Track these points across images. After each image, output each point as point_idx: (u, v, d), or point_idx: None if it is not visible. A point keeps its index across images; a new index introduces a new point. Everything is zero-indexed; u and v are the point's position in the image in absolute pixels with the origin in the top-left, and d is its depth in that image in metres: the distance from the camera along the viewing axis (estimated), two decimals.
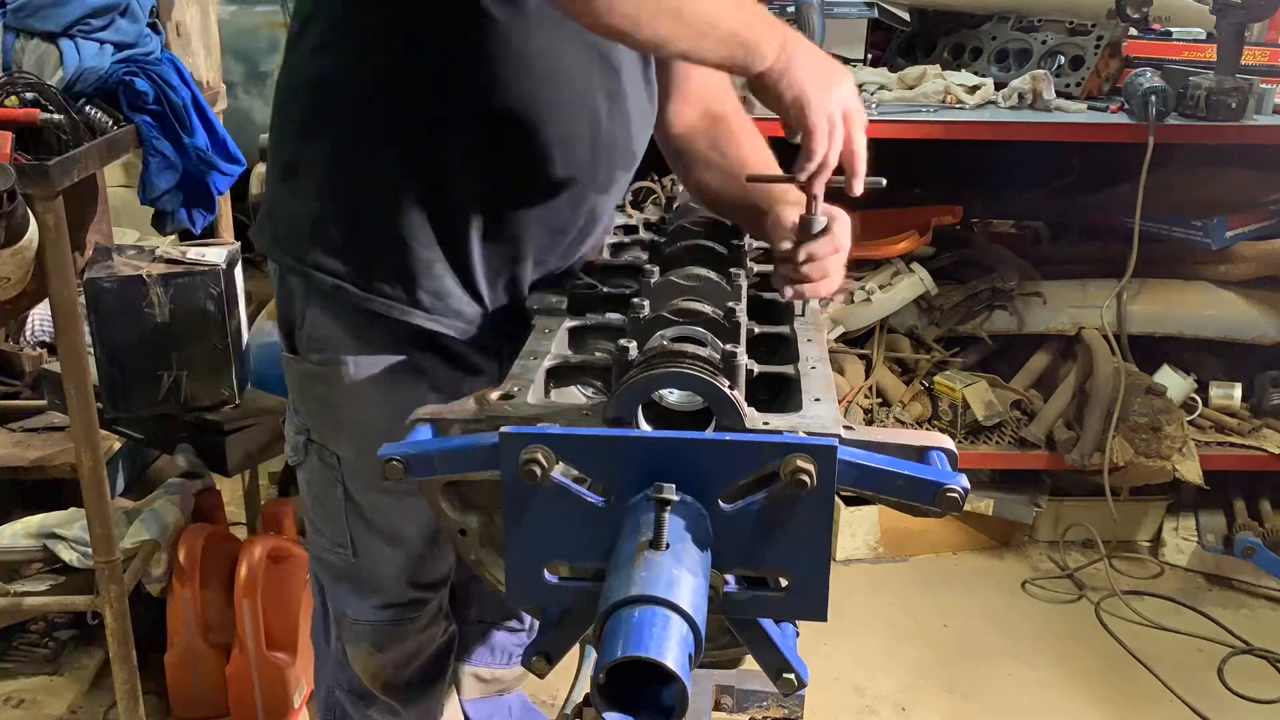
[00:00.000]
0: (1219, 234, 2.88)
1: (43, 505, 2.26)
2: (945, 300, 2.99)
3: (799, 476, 0.81)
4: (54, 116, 1.83)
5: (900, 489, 0.88)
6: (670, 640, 0.73)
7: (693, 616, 0.75)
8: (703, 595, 0.79)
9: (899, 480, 0.88)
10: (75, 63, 1.98)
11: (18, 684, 2.37)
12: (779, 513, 0.84)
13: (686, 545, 0.81)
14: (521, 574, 0.89)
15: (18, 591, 2.08)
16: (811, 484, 0.81)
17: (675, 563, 0.78)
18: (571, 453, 0.85)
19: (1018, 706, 2.44)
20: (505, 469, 0.85)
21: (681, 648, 0.73)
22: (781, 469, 0.82)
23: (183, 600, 2.19)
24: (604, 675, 0.72)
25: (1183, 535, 2.99)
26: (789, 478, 0.81)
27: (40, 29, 1.95)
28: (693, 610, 0.75)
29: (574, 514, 0.86)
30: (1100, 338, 2.90)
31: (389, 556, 1.49)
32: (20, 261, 1.75)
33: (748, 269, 1.33)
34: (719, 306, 1.11)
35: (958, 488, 0.86)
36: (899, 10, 3.06)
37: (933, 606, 2.79)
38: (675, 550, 0.80)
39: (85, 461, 1.94)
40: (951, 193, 3.27)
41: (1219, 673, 2.54)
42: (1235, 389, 3.00)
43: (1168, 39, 3.00)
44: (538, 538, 0.87)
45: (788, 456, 0.82)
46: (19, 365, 2.71)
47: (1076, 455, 2.77)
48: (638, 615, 0.74)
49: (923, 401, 2.95)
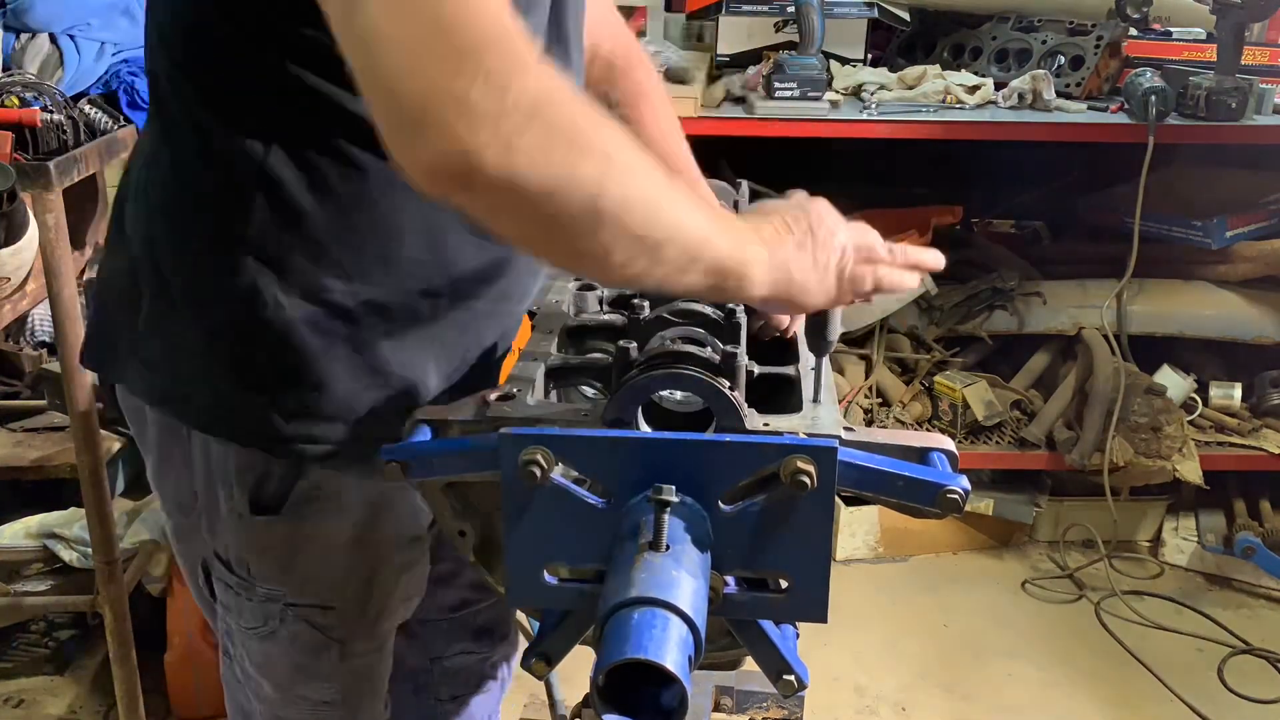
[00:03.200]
0: (1219, 234, 2.88)
1: (43, 505, 2.26)
2: (945, 300, 2.99)
3: (799, 478, 0.81)
4: (54, 116, 1.83)
5: (900, 490, 0.88)
6: (670, 642, 0.73)
7: (692, 618, 0.75)
8: (703, 597, 0.79)
9: (899, 481, 0.87)
10: (75, 63, 1.99)
11: (18, 684, 2.37)
12: (779, 514, 0.84)
13: (686, 547, 0.81)
14: (522, 575, 0.89)
15: (18, 591, 2.08)
16: (812, 485, 0.81)
17: (675, 564, 0.78)
18: (571, 454, 0.85)
19: (1018, 706, 2.44)
20: (505, 469, 0.84)
21: (681, 650, 0.73)
22: (781, 470, 0.82)
23: (183, 600, 2.19)
24: (604, 677, 0.73)
25: (1183, 535, 2.99)
26: (789, 479, 0.81)
27: (40, 29, 1.95)
28: (693, 612, 0.75)
29: (574, 515, 0.86)
30: (1100, 338, 2.90)
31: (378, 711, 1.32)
32: (20, 261, 1.75)
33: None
34: (719, 307, 1.11)
35: (958, 489, 0.86)
36: (899, 10, 3.05)
37: (933, 606, 2.79)
38: (675, 552, 0.79)
39: (85, 461, 1.94)
40: (951, 193, 3.27)
41: (1219, 673, 2.55)
42: (1235, 389, 3.00)
43: (1168, 39, 2.99)
44: (538, 539, 0.87)
45: (788, 458, 0.82)
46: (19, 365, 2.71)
47: (1076, 455, 2.77)
48: (637, 617, 0.74)
49: (923, 401, 2.95)
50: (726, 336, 1.07)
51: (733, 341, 1.05)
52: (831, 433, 0.91)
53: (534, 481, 0.83)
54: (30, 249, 1.75)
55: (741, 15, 3.05)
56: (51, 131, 1.82)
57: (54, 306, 1.86)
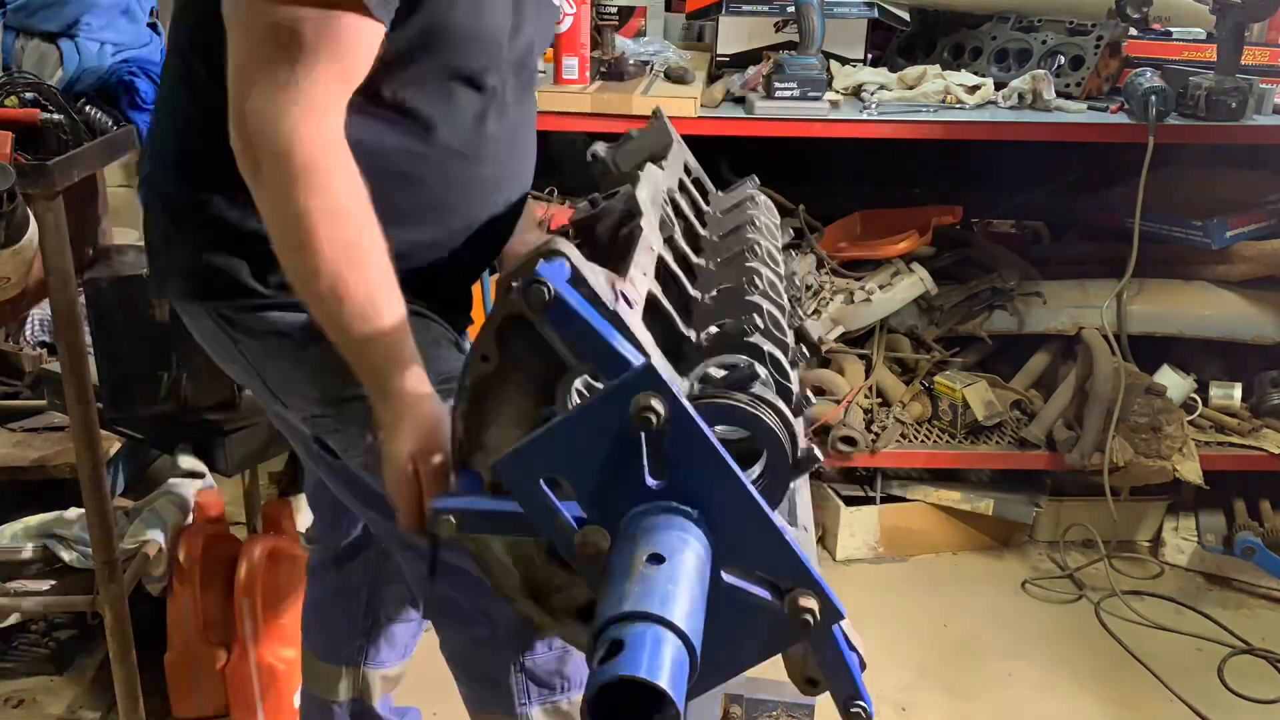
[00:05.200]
0: (1219, 234, 2.88)
1: (43, 505, 2.26)
2: (945, 300, 2.99)
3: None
4: (54, 116, 1.83)
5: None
6: (664, 659, 0.71)
7: (688, 634, 0.73)
8: (699, 612, 0.77)
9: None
10: (75, 63, 1.99)
11: (18, 684, 2.37)
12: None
13: (685, 558, 0.79)
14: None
15: (18, 591, 2.08)
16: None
17: (671, 578, 0.76)
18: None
19: (1017, 706, 2.44)
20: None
21: (676, 667, 0.71)
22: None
23: (183, 600, 2.19)
24: (596, 693, 0.71)
25: (1183, 535, 2.99)
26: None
27: (40, 29, 1.95)
28: (688, 627, 0.74)
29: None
30: (1100, 338, 2.90)
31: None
32: (20, 261, 1.75)
33: None
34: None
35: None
36: (899, 10, 3.05)
37: (933, 606, 2.79)
38: (672, 564, 0.78)
39: (85, 461, 1.94)
40: (951, 193, 3.27)
41: (1219, 673, 2.54)
42: (1235, 389, 3.00)
43: (1168, 39, 2.99)
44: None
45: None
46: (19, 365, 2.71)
47: (1076, 455, 2.77)
48: (631, 633, 0.72)
49: (923, 401, 2.95)
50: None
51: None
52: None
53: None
54: (30, 249, 1.76)
55: (741, 15, 3.05)
56: (51, 131, 1.82)
57: (54, 306, 1.86)
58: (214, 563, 2.22)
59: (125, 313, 2.13)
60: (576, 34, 2.60)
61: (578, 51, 2.62)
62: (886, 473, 2.97)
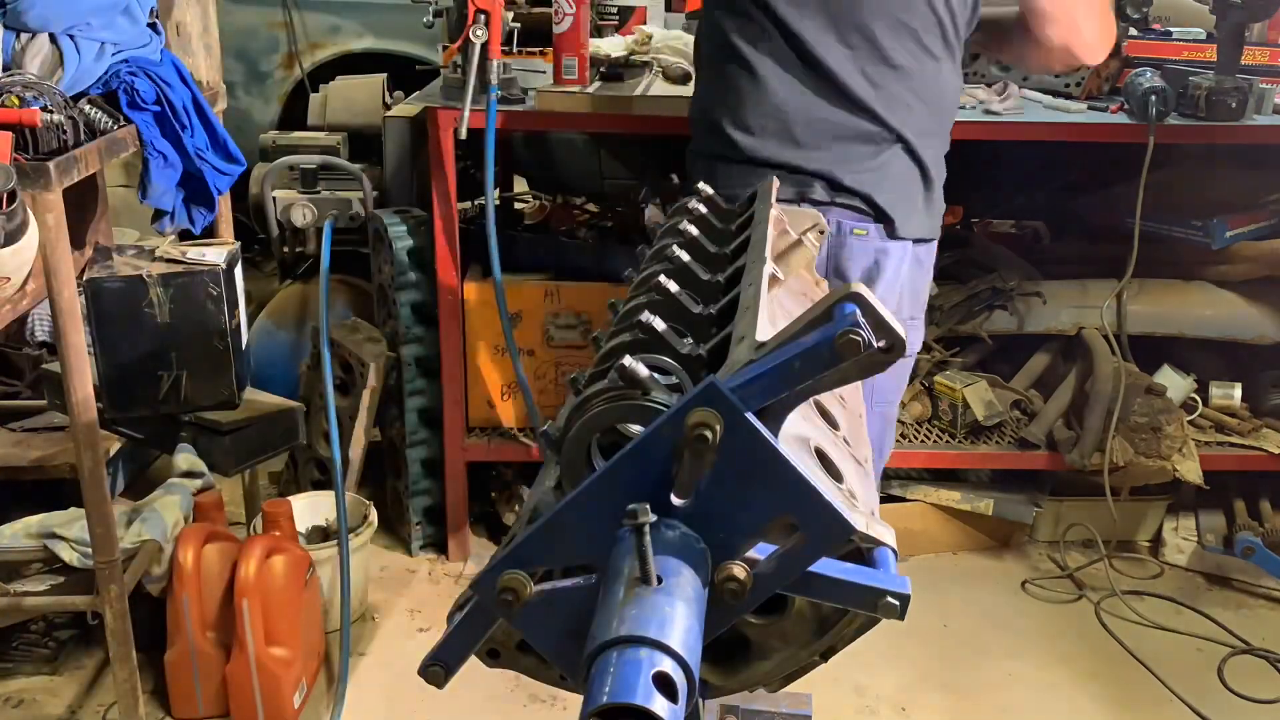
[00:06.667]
0: (1219, 234, 2.88)
1: (43, 505, 2.26)
2: (945, 300, 2.99)
3: (700, 433, 0.76)
4: (54, 116, 1.83)
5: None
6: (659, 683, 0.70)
7: (684, 657, 0.72)
8: (697, 632, 0.76)
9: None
10: (75, 63, 1.98)
11: (18, 684, 2.37)
12: (725, 471, 0.79)
13: (680, 578, 0.77)
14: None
15: (18, 591, 2.08)
16: (714, 438, 0.77)
17: (667, 599, 0.75)
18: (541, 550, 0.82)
19: (1017, 706, 2.44)
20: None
21: (670, 691, 0.70)
22: (686, 433, 0.77)
23: (183, 600, 2.19)
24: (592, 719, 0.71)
25: (1183, 535, 2.99)
26: (693, 437, 0.77)
27: (40, 29, 1.95)
28: (685, 649, 0.72)
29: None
30: (1100, 338, 2.90)
31: None
32: (20, 261, 1.75)
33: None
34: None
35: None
36: None
37: (933, 606, 2.79)
38: (667, 585, 0.76)
39: (85, 461, 1.94)
40: (951, 193, 3.26)
41: (1219, 673, 2.55)
42: (1235, 389, 3.00)
43: (1168, 39, 2.99)
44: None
45: (686, 418, 0.77)
46: (19, 365, 2.71)
47: (1076, 455, 2.77)
48: (625, 657, 0.71)
49: (923, 401, 2.95)
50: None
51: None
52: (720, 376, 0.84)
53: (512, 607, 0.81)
54: (30, 249, 1.75)
55: None
56: (51, 131, 1.82)
57: (54, 306, 1.86)
58: (214, 563, 2.22)
59: (125, 313, 2.13)
60: (577, 34, 2.60)
61: (578, 51, 2.62)
62: (887, 473, 2.97)
